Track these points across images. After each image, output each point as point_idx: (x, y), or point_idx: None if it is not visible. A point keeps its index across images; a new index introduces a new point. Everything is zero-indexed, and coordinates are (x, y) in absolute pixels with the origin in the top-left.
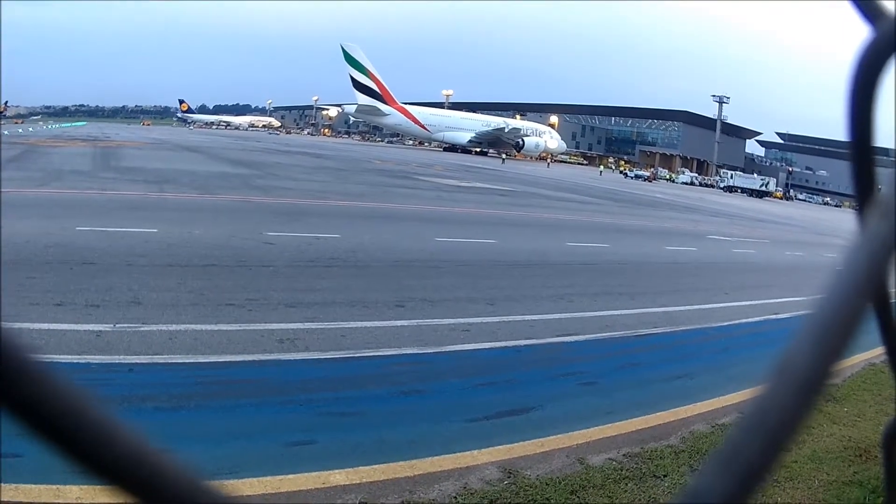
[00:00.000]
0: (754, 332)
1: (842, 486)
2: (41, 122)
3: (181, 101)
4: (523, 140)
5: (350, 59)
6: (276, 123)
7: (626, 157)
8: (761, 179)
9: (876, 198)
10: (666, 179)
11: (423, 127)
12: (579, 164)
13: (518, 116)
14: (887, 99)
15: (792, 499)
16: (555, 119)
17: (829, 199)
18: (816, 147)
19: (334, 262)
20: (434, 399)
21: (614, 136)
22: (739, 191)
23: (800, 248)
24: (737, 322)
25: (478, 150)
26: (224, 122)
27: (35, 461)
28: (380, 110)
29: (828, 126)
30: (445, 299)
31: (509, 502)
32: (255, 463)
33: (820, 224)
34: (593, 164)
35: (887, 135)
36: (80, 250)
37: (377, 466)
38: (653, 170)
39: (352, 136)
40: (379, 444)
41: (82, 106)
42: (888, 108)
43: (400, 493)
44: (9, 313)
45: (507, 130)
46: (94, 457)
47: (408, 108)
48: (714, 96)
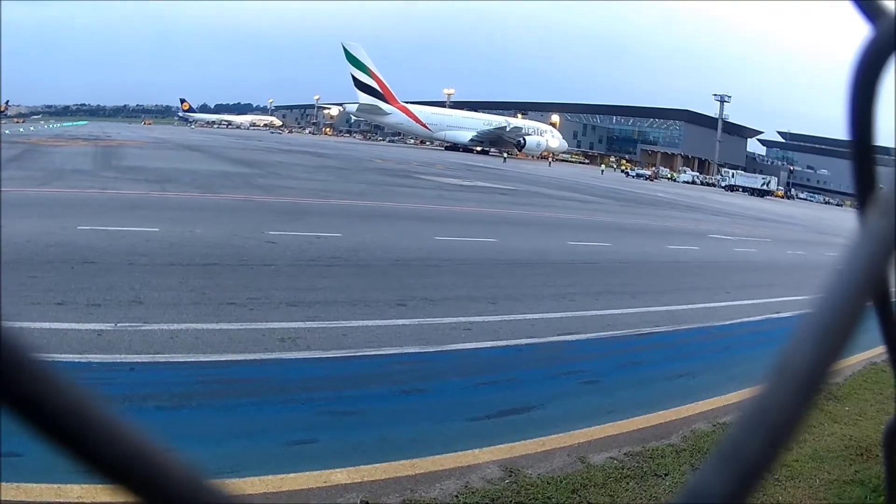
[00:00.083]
0: (756, 331)
1: (843, 485)
2: (42, 122)
3: (182, 101)
4: (525, 139)
5: (351, 58)
6: (278, 122)
7: (627, 157)
8: (763, 178)
9: (876, 196)
10: (667, 178)
11: (424, 126)
12: (581, 163)
13: (519, 115)
14: (887, 98)
15: (793, 498)
16: (556, 118)
17: (830, 198)
18: (818, 146)
19: (336, 261)
20: (435, 398)
21: (616, 135)
22: (741, 190)
23: (801, 246)
24: (738, 321)
25: (479, 149)
26: (225, 121)
27: (36, 460)
28: (381, 109)
29: (829, 125)
30: (447, 298)
31: (511, 501)
32: (256, 462)
33: (821, 223)
34: (595, 164)
35: (887, 133)
36: (82, 249)
37: (378, 465)
38: (654, 169)
39: (353, 135)
40: (380, 442)
41: (83, 105)
42: (888, 107)
43: (401, 491)
44: (10, 312)
45: (508, 129)
46: (96, 455)
47: (409, 107)
48: (715, 95)
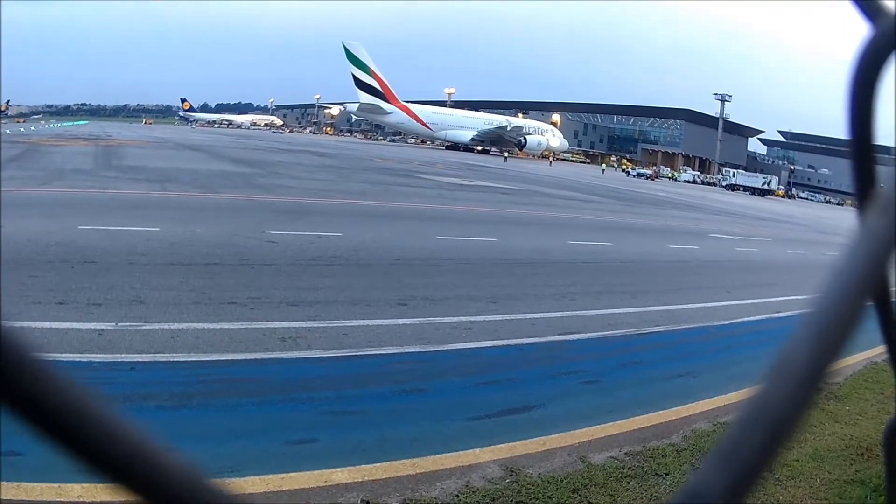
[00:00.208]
0: (756, 330)
1: (843, 485)
2: (43, 121)
3: (183, 100)
4: (525, 138)
5: (352, 58)
6: (279, 122)
7: (628, 156)
8: (763, 178)
9: (876, 195)
10: (668, 178)
11: (425, 125)
12: (581, 162)
13: (520, 115)
14: (887, 97)
15: (793, 497)
16: (557, 117)
17: (831, 197)
18: (818, 145)
19: (336, 260)
20: (436, 397)
21: (616, 134)
22: (742, 189)
23: (802, 246)
24: (739, 320)
25: (480, 148)
26: (226, 120)
27: (36, 459)
28: (382, 109)
29: (830, 124)
30: (447, 297)
31: (511, 501)
32: (257, 461)
33: (822, 222)
34: (595, 163)
35: (887, 133)
36: (82, 249)
37: (379, 465)
38: (655, 168)
39: (354, 135)
40: (381, 442)
41: (84, 105)
42: (888, 106)
43: (402, 491)
44: (11, 312)
45: (509, 129)
46: (97, 455)
47: (410, 106)
48: (716, 94)
